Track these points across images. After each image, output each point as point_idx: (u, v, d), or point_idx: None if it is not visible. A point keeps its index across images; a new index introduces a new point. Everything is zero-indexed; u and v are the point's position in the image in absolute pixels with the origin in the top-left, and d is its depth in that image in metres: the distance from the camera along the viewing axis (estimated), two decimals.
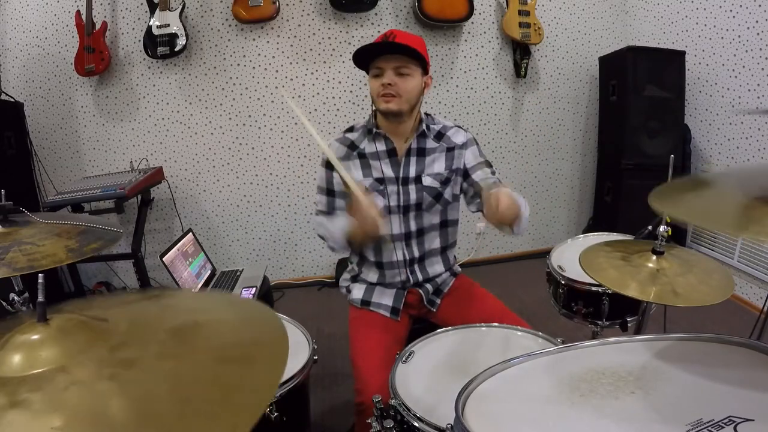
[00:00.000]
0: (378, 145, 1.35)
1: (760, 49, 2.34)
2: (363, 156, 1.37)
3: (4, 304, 1.11)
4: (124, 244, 2.49)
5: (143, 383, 0.49)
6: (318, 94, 2.94)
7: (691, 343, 0.78)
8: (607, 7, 3.15)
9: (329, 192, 1.41)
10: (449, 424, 0.80)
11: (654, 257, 1.11)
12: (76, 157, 2.89)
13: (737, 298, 2.54)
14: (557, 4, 3.05)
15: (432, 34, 2.93)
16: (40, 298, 0.54)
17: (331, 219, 1.37)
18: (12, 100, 2.60)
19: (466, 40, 3.00)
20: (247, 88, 2.88)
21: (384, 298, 1.42)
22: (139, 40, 2.66)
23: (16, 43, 2.69)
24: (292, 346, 0.58)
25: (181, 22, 2.60)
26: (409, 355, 1.13)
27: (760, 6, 2.31)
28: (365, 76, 1.33)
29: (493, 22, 3.00)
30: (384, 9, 2.86)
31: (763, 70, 2.34)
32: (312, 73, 2.91)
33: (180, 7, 2.60)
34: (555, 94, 3.21)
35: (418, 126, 1.35)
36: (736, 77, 2.50)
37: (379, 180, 1.35)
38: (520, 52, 3.01)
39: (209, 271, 2.21)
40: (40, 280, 0.55)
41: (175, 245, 2.01)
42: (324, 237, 1.39)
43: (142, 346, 0.55)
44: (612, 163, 2.98)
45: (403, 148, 1.35)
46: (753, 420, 0.59)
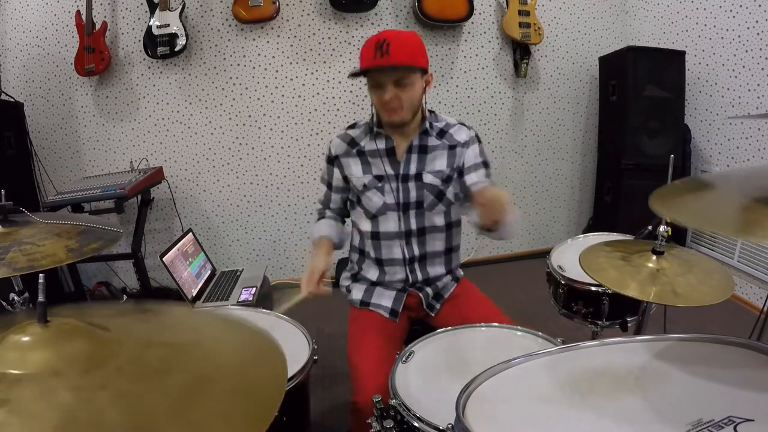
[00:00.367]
0: (378, 144, 1.35)
1: (760, 49, 2.34)
2: (362, 153, 1.38)
3: (4, 304, 1.11)
4: (124, 244, 2.49)
5: (137, 395, 0.48)
6: (318, 94, 2.94)
7: (691, 344, 0.78)
8: (607, 7, 3.15)
9: (329, 185, 1.46)
10: (449, 424, 0.80)
11: (654, 257, 1.11)
12: (76, 157, 2.89)
13: (737, 298, 2.54)
14: (557, 4, 3.05)
15: (432, 34, 2.93)
16: (41, 298, 0.54)
17: (317, 221, 1.50)
18: (12, 100, 2.60)
19: (466, 40, 3.00)
20: (247, 88, 2.88)
21: (383, 299, 1.42)
22: (139, 40, 2.66)
23: (16, 43, 2.69)
24: (292, 346, 0.58)
25: (181, 22, 2.60)
26: (409, 355, 1.12)
27: (760, 6, 2.31)
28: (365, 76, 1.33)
29: (493, 22, 3.00)
30: (384, 9, 2.85)
31: (763, 70, 2.34)
32: (312, 73, 2.91)
33: (180, 7, 2.60)
34: (555, 94, 3.21)
35: (421, 123, 1.35)
36: (736, 77, 2.50)
37: (378, 177, 1.36)
38: (520, 52, 3.01)
39: (209, 271, 2.21)
40: (41, 280, 0.55)
41: (175, 245, 2.01)
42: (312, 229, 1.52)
43: (141, 360, 0.54)
44: (612, 163, 2.98)
45: (404, 145, 1.35)
46: (753, 420, 0.59)
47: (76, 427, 0.44)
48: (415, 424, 0.90)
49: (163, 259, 1.87)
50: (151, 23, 2.59)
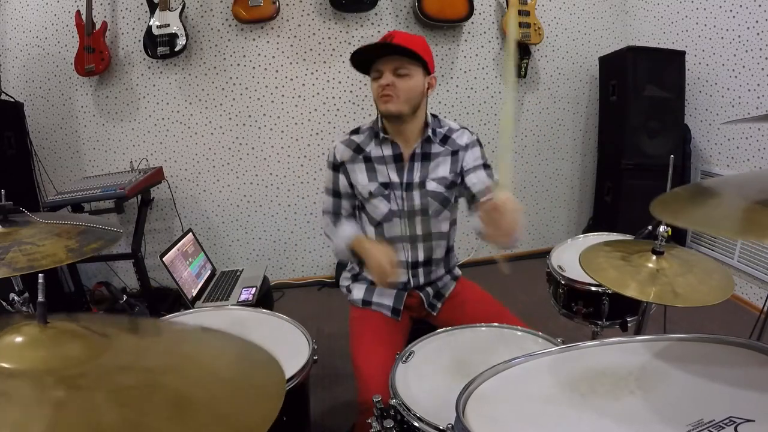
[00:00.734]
0: (384, 150, 1.34)
1: (760, 49, 2.34)
2: (369, 160, 1.35)
3: (4, 304, 1.11)
4: (124, 244, 2.49)
5: (134, 398, 0.48)
6: (318, 94, 2.94)
7: (691, 344, 0.78)
8: (607, 7, 3.15)
9: (335, 193, 1.41)
10: (450, 424, 0.80)
11: (654, 257, 1.11)
12: (76, 157, 2.89)
13: (737, 298, 2.54)
14: (557, 4, 3.05)
15: (432, 34, 2.93)
16: (41, 298, 0.54)
17: (337, 227, 1.40)
18: (12, 100, 2.60)
19: (466, 40, 3.00)
20: (247, 88, 2.88)
21: (384, 298, 1.42)
22: (139, 40, 2.66)
23: (16, 43, 2.69)
24: (292, 346, 0.58)
25: (181, 22, 2.60)
26: (409, 355, 1.12)
27: (760, 6, 2.31)
28: (366, 76, 1.32)
29: (493, 22, 3.00)
30: (384, 9, 2.85)
31: (763, 70, 2.34)
32: (312, 73, 2.91)
33: (180, 7, 2.60)
34: (555, 94, 3.21)
35: (424, 129, 1.33)
36: (736, 77, 2.50)
37: (385, 185, 1.34)
38: (520, 52, 3.01)
39: (209, 271, 2.21)
40: (41, 280, 0.55)
41: (175, 245, 2.01)
42: (330, 237, 1.43)
43: (140, 370, 0.54)
44: (612, 163, 2.98)
45: (407, 151, 1.34)
46: (753, 420, 0.59)
47: (70, 423, 0.44)
48: (415, 424, 0.90)
49: (163, 259, 1.87)
50: (151, 23, 2.59)
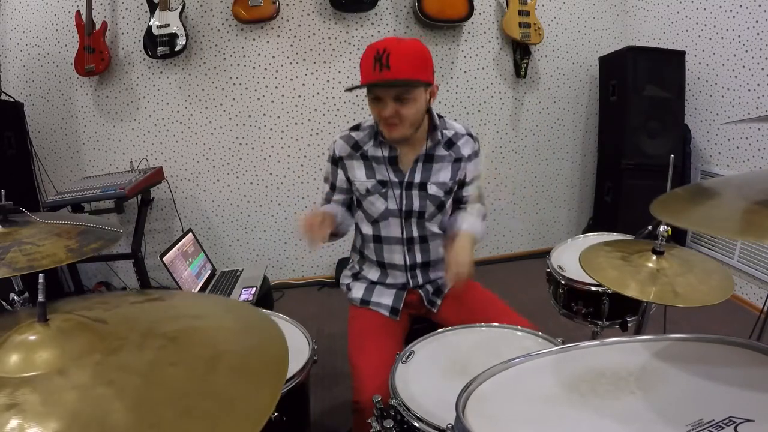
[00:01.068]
0: (383, 151, 1.34)
1: (760, 49, 2.34)
2: (366, 158, 1.36)
3: (4, 304, 1.11)
4: (124, 244, 2.49)
5: (142, 389, 0.49)
6: (318, 94, 2.94)
7: (691, 344, 0.78)
8: (607, 7, 3.15)
9: (332, 186, 1.43)
10: (450, 425, 0.80)
11: (654, 257, 1.11)
12: (76, 157, 2.89)
13: (737, 298, 2.54)
14: (557, 4, 3.05)
15: (432, 34, 2.93)
16: (41, 298, 0.54)
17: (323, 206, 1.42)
18: (12, 100, 2.60)
19: (466, 40, 3.00)
20: (247, 88, 2.88)
21: (384, 297, 1.42)
22: (139, 40, 2.66)
23: (16, 43, 2.69)
24: (291, 346, 0.58)
25: (181, 22, 2.60)
26: (409, 355, 1.12)
27: (760, 6, 2.31)
28: None
29: (493, 22, 3.00)
30: (384, 9, 2.85)
31: (763, 70, 2.34)
32: (312, 73, 2.91)
33: (180, 7, 2.60)
34: (555, 94, 3.21)
35: (431, 135, 1.33)
36: (736, 77, 2.50)
37: (382, 183, 1.35)
38: (520, 52, 3.01)
39: (209, 271, 2.21)
40: (41, 280, 0.55)
41: (175, 245, 2.01)
42: None
43: (142, 351, 0.54)
44: (612, 163, 2.98)
45: (411, 153, 1.34)
46: (753, 420, 0.59)
47: (83, 423, 0.44)
48: (415, 424, 0.90)
49: (163, 259, 1.87)
50: (151, 23, 2.59)
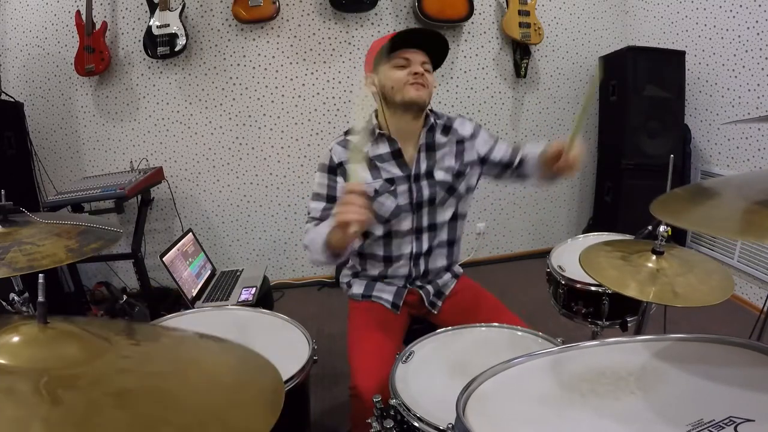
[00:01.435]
0: (381, 147, 1.34)
1: (760, 49, 2.34)
2: (368, 159, 1.35)
3: (4, 304, 1.11)
4: (124, 244, 2.49)
5: (134, 411, 0.48)
6: (318, 94, 2.94)
7: (691, 344, 0.78)
8: (607, 7, 3.15)
9: (328, 198, 1.32)
10: (450, 424, 0.80)
11: (654, 257, 1.11)
12: (76, 157, 2.89)
13: (737, 298, 2.54)
14: (557, 4, 3.05)
15: None
16: (41, 298, 0.54)
17: (318, 227, 1.26)
18: (12, 100, 2.60)
19: (466, 40, 3.00)
20: (247, 88, 2.88)
21: (384, 293, 1.42)
22: (139, 40, 2.66)
23: (16, 43, 2.69)
24: (292, 346, 0.58)
25: (181, 22, 2.60)
26: (409, 355, 1.12)
27: (760, 6, 2.31)
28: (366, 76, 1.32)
29: (493, 22, 3.00)
30: (384, 9, 2.85)
31: (763, 70, 2.34)
32: (312, 73, 2.91)
33: (180, 7, 2.60)
34: (555, 94, 3.21)
35: (425, 121, 1.34)
36: (736, 77, 2.50)
37: (390, 180, 1.33)
38: (520, 52, 3.01)
39: (209, 271, 2.21)
40: (41, 280, 0.55)
41: (175, 245, 2.01)
42: (307, 246, 1.27)
43: (139, 374, 0.54)
44: (612, 163, 2.98)
45: (411, 146, 1.34)
46: (753, 420, 0.59)
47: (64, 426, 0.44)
48: (415, 424, 0.90)
49: (163, 259, 1.87)
50: (151, 23, 2.59)
